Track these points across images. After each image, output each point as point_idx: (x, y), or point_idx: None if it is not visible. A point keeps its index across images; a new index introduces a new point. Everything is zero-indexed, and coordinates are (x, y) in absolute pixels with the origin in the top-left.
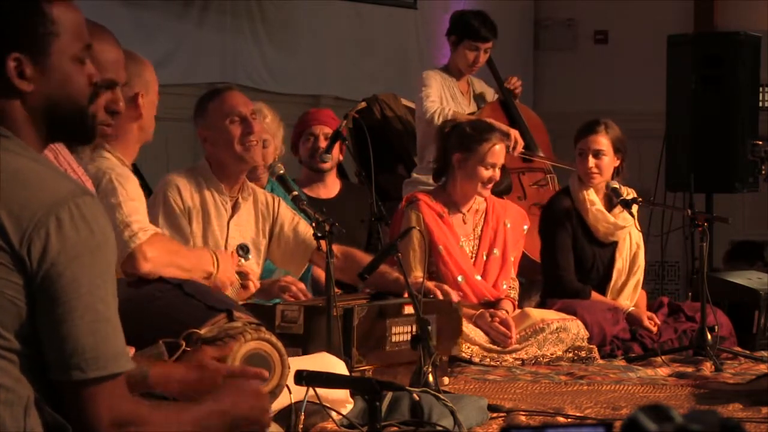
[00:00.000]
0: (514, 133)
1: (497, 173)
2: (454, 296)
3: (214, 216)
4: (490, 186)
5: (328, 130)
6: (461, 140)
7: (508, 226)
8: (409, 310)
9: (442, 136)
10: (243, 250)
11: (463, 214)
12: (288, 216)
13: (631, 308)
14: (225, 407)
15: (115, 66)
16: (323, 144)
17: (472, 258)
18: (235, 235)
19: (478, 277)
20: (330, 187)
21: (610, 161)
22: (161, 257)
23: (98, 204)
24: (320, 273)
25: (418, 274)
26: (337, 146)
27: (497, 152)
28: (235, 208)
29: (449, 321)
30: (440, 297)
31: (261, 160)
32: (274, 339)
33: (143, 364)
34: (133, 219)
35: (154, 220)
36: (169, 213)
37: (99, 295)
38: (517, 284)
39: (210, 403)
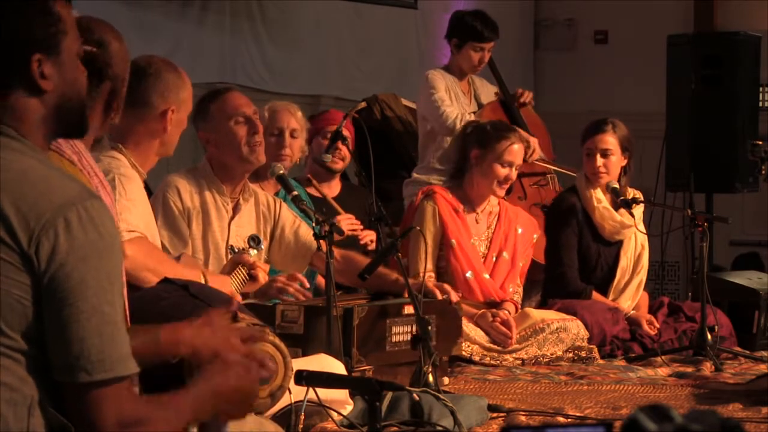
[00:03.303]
0: (534, 141)
1: (514, 173)
2: (454, 296)
3: (214, 217)
4: (506, 186)
5: (347, 133)
6: (480, 137)
7: (519, 231)
8: (408, 310)
9: (463, 135)
10: (254, 241)
11: (477, 213)
12: (289, 218)
13: (631, 312)
14: (216, 385)
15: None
16: (341, 145)
17: (482, 258)
18: (235, 236)
19: (487, 276)
20: (333, 188)
21: (617, 160)
22: (140, 258)
23: (105, 207)
24: (323, 282)
25: (429, 266)
26: (345, 148)
27: (515, 151)
28: (236, 209)
29: (449, 321)
30: (439, 297)
31: (264, 159)
32: (277, 341)
33: (153, 329)
34: (122, 217)
35: (156, 220)
36: (168, 215)
37: (106, 298)
38: (521, 290)
39: (201, 385)
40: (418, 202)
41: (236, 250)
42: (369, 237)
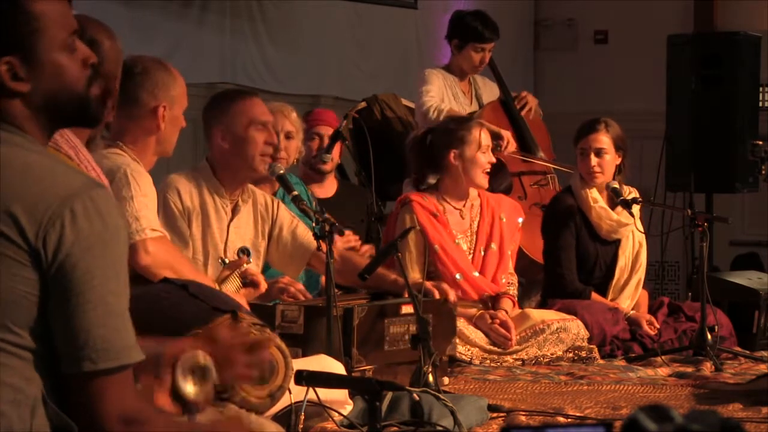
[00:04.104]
0: (506, 134)
1: (492, 156)
2: (452, 296)
3: (214, 219)
4: (488, 173)
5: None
6: (449, 138)
7: (504, 220)
8: (406, 309)
9: (424, 145)
10: (244, 253)
11: (460, 210)
12: (287, 219)
13: (631, 312)
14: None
15: (115, 59)
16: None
17: (469, 254)
18: (234, 238)
19: (476, 274)
20: (327, 188)
21: (611, 159)
22: (162, 256)
23: (111, 197)
24: None
25: (415, 275)
26: (337, 148)
27: (485, 135)
28: (234, 211)
29: (444, 321)
30: (437, 296)
31: (265, 170)
32: (278, 340)
33: (156, 343)
34: (142, 214)
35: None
36: (169, 215)
37: (110, 288)
38: (515, 279)
39: (206, 427)
40: (395, 211)
41: (226, 262)
42: (368, 252)
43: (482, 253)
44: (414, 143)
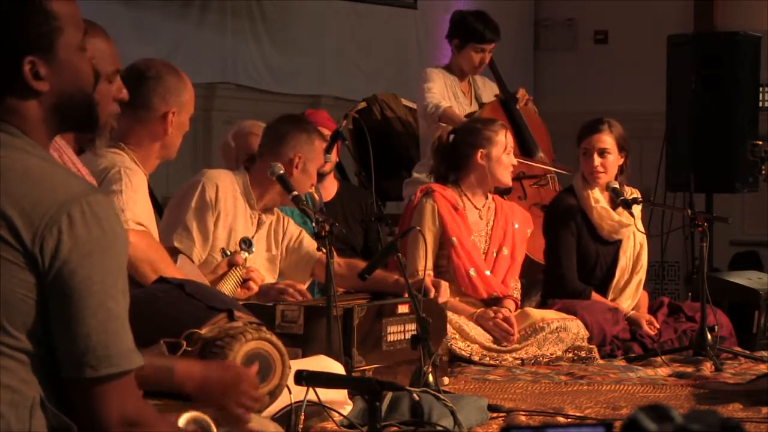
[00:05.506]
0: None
1: (514, 158)
2: (442, 297)
3: (241, 226)
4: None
5: (327, 133)
6: (477, 136)
7: (516, 227)
8: (402, 309)
9: (447, 143)
10: (246, 243)
11: (479, 210)
12: (295, 232)
13: (631, 312)
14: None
15: (109, 56)
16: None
17: (482, 254)
18: (255, 249)
19: (488, 272)
20: (327, 188)
21: (614, 160)
22: (142, 249)
23: (109, 202)
24: None
25: (429, 264)
26: (335, 147)
27: (510, 138)
28: (259, 223)
29: (435, 321)
30: (431, 295)
31: None
32: (274, 339)
33: (170, 358)
34: (128, 207)
35: (185, 206)
36: (201, 204)
37: (110, 294)
38: (519, 285)
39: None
40: (416, 200)
41: (228, 253)
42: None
43: (494, 255)
44: (439, 142)
